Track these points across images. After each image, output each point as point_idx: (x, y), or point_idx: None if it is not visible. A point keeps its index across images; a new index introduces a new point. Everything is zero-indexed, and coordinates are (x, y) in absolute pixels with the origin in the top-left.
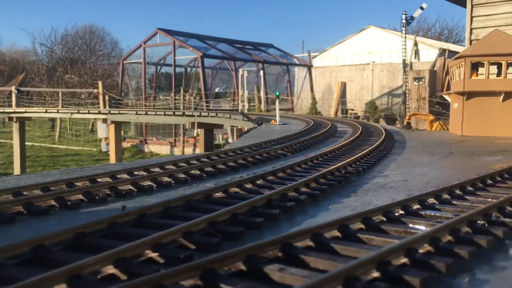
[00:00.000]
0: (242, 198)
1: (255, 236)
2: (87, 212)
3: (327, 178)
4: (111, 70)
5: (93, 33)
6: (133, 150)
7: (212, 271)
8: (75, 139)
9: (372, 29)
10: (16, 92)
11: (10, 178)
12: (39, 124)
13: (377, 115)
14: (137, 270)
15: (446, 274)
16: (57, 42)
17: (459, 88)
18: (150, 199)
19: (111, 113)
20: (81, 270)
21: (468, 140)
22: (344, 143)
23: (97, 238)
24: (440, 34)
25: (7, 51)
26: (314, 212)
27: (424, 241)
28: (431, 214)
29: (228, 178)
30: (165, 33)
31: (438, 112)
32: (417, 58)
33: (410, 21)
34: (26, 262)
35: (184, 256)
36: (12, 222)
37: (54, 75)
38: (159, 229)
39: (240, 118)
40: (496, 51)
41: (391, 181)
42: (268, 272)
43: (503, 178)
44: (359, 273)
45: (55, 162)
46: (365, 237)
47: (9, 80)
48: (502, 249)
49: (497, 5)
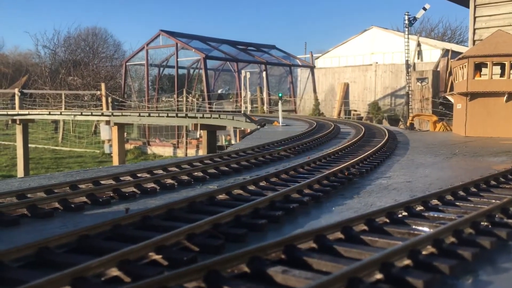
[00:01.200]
0: (245, 200)
1: (258, 238)
2: (90, 215)
3: (330, 180)
4: (114, 72)
5: (96, 35)
6: (136, 152)
7: (216, 273)
8: (78, 141)
9: (375, 30)
10: (19, 95)
11: (14, 180)
12: (42, 126)
13: (380, 116)
14: (141, 272)
15: (450, 275)
16: (60, 44)
17: (462, 88)
18: (153, 201)
19: (114, 115)
20: (86, 272)
21: (471, 141)
22: (347, 145)
23: (101, 240)
24: (443, 35)
25: (10, 54)
26: (317, 214)
27: (427, 242)
28: (435, 216)
29: (231, 180)
30: (168, 34)
31: (441, 113)
32: (420, 59)
33: (413, 21)
34: (31, 265)
35: (187, 258)
36: (16, 224)
37: (57, 77)
38: (163, 231)
39: (243, 119)
40: (499, 51)
41: (394, 182)
42: (271, 274)
43: (506, 179)
44: (362, 274)
45: (58, 164)
46: (368, 239)
47: (12, 83)
48: (505, 250)
49: (500, 5)
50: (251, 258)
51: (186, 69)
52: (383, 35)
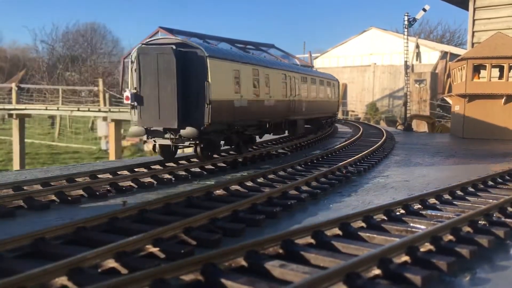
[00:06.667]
0: (243, 196)
1: (256, 232)
2: (87, 207)
3: (328, 178)
4: (112, 68)
5: (94, 31)
6: (133, 149)
7: (213, 266)
8: (74, 137)
9: (374, 31)
10: (16, 89)
11: (10, 173)
12: (39, 121)
13: (377, 116)
14: (137, 264)
15: (447, 272)
16: (58, 40)
17: (460, 90)
18: (150, 195)
19: (111, 111)
20: (82, 263)
21: (469, 142)
22: (345, 144)
23: (98, 232)
24: (442, 37)
25: (8, 48)
26: (315, 211)
27: (425, 239)
28: (432, 214)
29: (228, 176)
30: (167, 31)
31: (439, 115)
32: (419, 60)
33: (412, 22)
34: (27, 255)
35: (184, 251)
36: (12, 216)
37: (55, 73)
38: (160, 224)
39: None
40: (498, 53)
41: (392, 181)
42: (268, 268)
43: (504, 179)
44: (360, 270)
45: (55, 159)
46: (366, 235)
47: (10, 77)
48: (503, 249)
49: (499, 9)
50: (249, 252)
51: None
52: (382, 36)
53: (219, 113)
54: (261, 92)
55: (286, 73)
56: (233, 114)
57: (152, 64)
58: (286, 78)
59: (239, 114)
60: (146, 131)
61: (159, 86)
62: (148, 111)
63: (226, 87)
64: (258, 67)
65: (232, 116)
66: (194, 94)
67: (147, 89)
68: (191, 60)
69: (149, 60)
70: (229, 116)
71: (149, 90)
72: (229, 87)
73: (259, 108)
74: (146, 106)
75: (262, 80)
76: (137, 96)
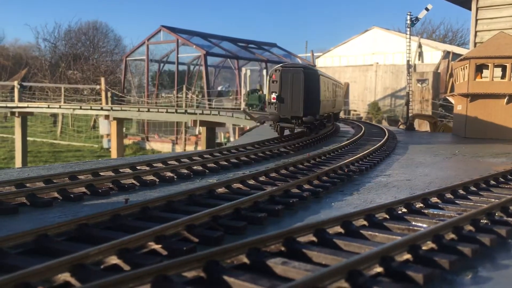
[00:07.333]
0: (244, 194)
1: (257, 230)
2: (90, 205)
3: (330, 176)
4: (114, 66)
5: (96, 29)
6: (135, 147)
7: (215, 263)
8: (76, 135)
9: (376, 30)
10: (18, 87)
11: (13, 170)
12: (41, 119)
13: (379, 116)
14: (140, 261)
15: (449, 271)
16: (61, 38)
17: (463, 90)
18: (152, 193)
19: (113, 109)
20: (85, 259)
21: (471, 141)
22: (347, 143)
23: (101, 229)
24: (444, 37)
25: (11, 46)
26: (317, 209)
27: (427, 238)
28: (434, 213)
29: (230, 175)
30: (169, 30)
31: (441, 114)
32: (421, 60)
33: (415, 22)
34: (30, 252)
35: (187, 248)
36: (15, 213)
37: (57, 71)
38: (162, 222)
39: (242, 116)
40: (501, 53)
41: (394, 180)
42: (271, 265)
43: (506, 179)
44: (362, 267)
45: (57, 157)
46: (368, 234)
47: (12, 75)
48: (505, 247)
49: (502, 8)
50: (251, 249)
51: (186, 65)
52: (384, 35)
53: (323, 108)
54: (329, 95)
55: (332, 82)
56: (324, 109)
57: (288, 78)
58: (332, 86)
59: (325, 109)
60: (278, 118)
61: (292, 91)
62: (284, 106)
63: (325, 93)
64: (329, 80)
65: (324, 110)
66: (312, 96)
67: (284, 93)
68: (311, 76)
69: (286, 76)
70: (324, 110)
71: (286, 94)
72: (325, 93)
73: (329, 105)
74: (284, 103)
75: (330, 88)
76: (279, 97)
